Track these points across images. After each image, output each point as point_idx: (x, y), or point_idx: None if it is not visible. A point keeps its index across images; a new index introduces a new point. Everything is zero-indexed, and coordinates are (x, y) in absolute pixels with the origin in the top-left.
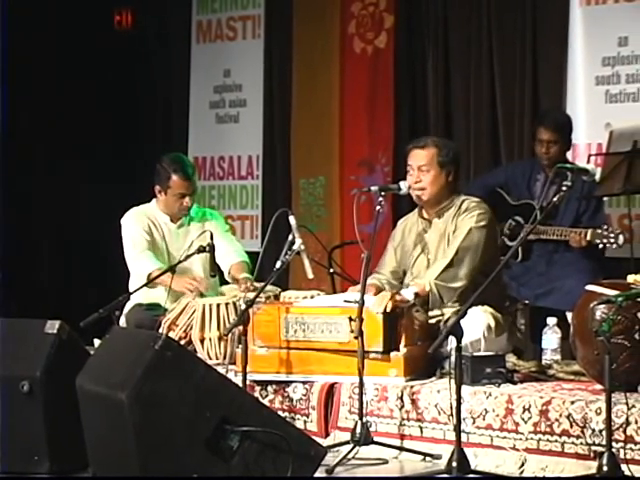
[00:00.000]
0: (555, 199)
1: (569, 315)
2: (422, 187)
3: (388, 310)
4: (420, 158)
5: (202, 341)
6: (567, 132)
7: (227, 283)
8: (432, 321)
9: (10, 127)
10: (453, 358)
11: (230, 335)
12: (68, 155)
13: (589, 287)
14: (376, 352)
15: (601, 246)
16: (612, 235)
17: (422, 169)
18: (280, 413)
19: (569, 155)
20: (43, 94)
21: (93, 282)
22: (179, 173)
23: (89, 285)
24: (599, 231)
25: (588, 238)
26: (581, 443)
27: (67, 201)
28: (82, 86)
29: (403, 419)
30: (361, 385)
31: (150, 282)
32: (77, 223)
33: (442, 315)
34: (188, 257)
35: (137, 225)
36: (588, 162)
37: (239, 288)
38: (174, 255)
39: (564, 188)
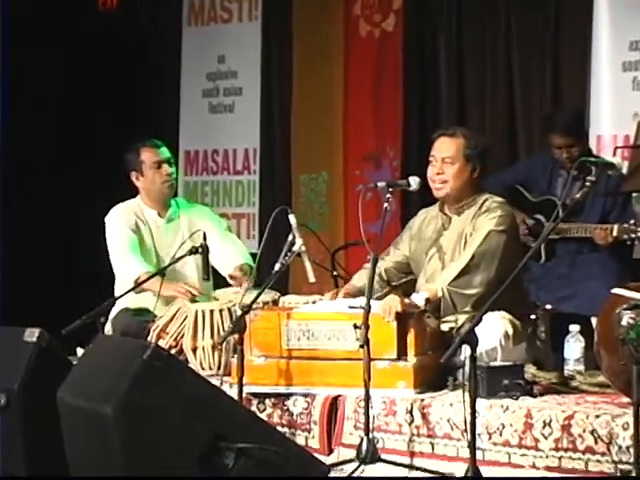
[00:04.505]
0: (578, 195)
1: (594, 321)
2: (444, 180)
3: (399, 310)
4: (446, 148)
5: (194, 350)
6: (581, 130)
7: (223, 286)
8: (445, 328)
9: None
10: (467, 368)
11: (225, 344)
12: (49, 145)
13: (615, 290)
14: (389, 360)
15: (629, 242)
16: None
17: (446, 161)
18: (279, 428)
19: (593, 145)
20: (21, 81)
21: (76, 286)
22: (147, 144)
23: (71, 289)
24: (626, 226)
25: (614, 234)
26: (606, 461)
27: (51, 189)
28: (62, 73)
29: (413, 435)
30: (367, 398)
31: (137, 287)
32: (61, 220)
33: (455, 321)
34: (179, 259)
35: (122, 223)
36: (614, 155)
37: (234, 283)
38: (163, 254)
39: (588, 184)
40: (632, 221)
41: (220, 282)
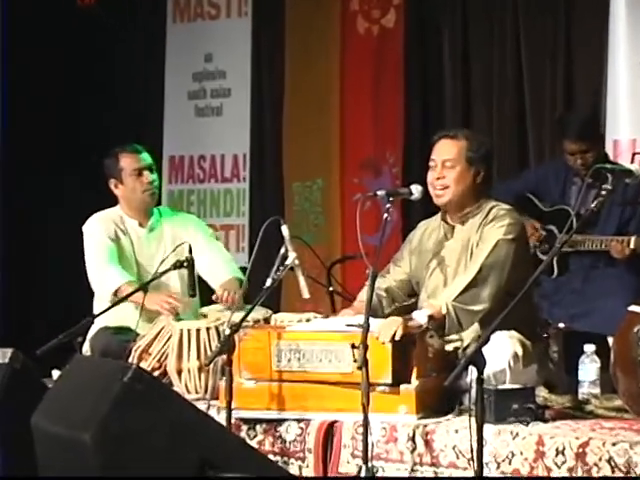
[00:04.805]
0: (593, 205)
1: (610, 340)
2: (444, 185)
3: (397, 338)
4: (446, 150)
5: (179, 372)
6: (596, 134)
7: (210, 303)
8: (449, 348)
9: None
10: (474, 392)
11: (212, 365)
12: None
13: (633, 308)
14: (384, 385)
15: None
16: None
17: (447, 164)
18: (271, 457)
19: (609, 151)
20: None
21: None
22: (126, 149)
23: (47, 307)
24: None
25: (632, 246)
26: None
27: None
28: (38, 72)
29: (415, 463)
30: (366, 424)
31: (119, 302)
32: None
33: (461, 341)
34: (163, 274)
35: (101, 232)
36: (632, 161)
37: (221, 301)
38: (145, 265)
39: (603, 192)
40: None
41: (207, 298)
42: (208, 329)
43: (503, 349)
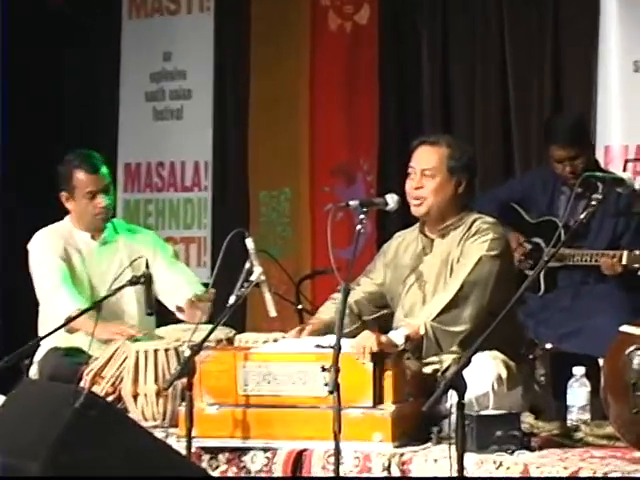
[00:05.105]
0: (582, 216)
1: (601, 362)
2: (422, 195)
3: (375, 350)
4: (426, 158)
5: (135, 397)
6: (585, 138)
7: (169, 323)
8: (428, 371)
9: None
10: (454, 418)
11: (171, 390)
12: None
13: (624, 328)
14: (364, 408)
15: None
16: None
17: (426, 173)
18: None
19: (600, 158)
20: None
21: None
22: (82, 166)
23: None
24: (637, 253)
25: (624, 262)
26: None
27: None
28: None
29: None
30: (337, 452)
31: (67, 324)
32: None
33: (440, 363)
34: (117, 290)
35: (50, 250)
36: (624, 169)
37: (202, 303)
38: (97, 282)
39: (593, 203)
40: None
41: (165, 318)
42: (166, 350)
43: (486, 371)
